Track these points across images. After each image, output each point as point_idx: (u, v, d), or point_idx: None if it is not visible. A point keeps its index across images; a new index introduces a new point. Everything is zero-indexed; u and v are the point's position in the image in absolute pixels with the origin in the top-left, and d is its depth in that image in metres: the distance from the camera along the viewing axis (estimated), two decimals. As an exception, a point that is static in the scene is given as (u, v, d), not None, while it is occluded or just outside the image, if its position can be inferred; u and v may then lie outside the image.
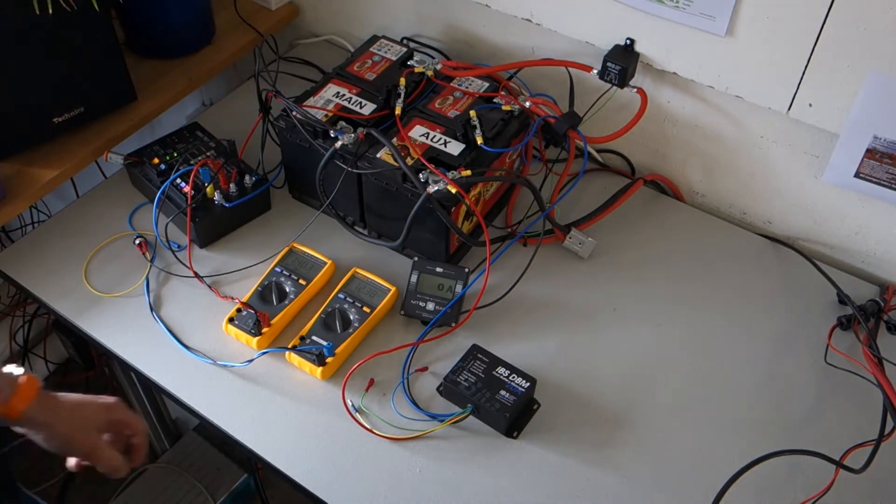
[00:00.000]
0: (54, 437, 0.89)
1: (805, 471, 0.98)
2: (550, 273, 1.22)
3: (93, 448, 0.91)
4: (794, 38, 1.04)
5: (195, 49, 1.49)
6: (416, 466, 1.01)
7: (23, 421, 0.86)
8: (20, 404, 0.85)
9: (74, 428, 0.90)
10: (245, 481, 1.70)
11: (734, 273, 1.25)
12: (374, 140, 1.17)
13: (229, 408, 1.07)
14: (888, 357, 1.08)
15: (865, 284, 1.23)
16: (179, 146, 1.31)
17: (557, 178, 1.31)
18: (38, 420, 0.87)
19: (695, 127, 1.28)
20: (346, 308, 1.14)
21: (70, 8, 1.09)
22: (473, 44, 1.44)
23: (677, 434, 1.05)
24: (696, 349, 1.14)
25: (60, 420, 0.89)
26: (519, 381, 1.04)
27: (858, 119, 1.05)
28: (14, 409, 0.85)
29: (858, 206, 1.21)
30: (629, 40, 1.19)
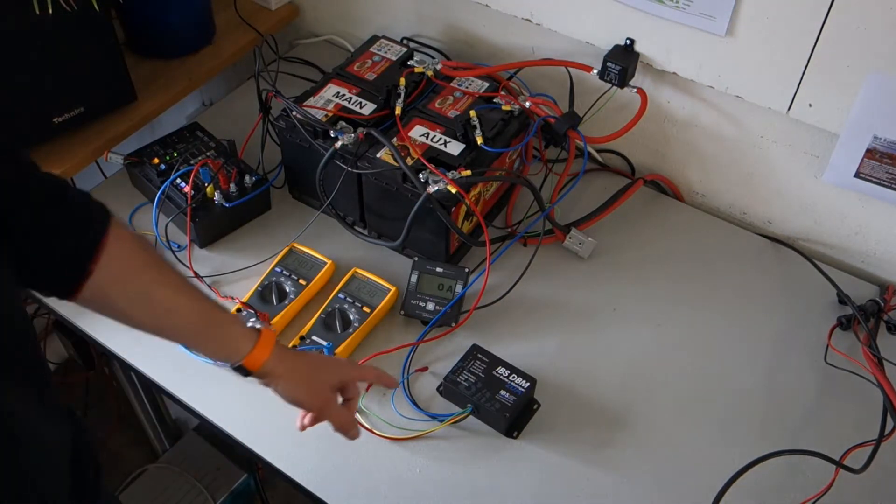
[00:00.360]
0: (291, 389, 0.90)
1: (805, 471, 0.98)
2: (550, 273, 1.22)
3: (326, 404, 0.92)
4: (794, 38, 1.04)
5: (195, 49, 1.49)
6: (416, 466, 1.01)
7: (263, 372, 0.87)
8: (262, 355, 0.86)
9: (311, 383, 0.91)
10: (245, 481, 1.70)
11: (734, 273, 1.25)
12: (374, 140, 1.17)
13: (229, 408, 1.07)
14: (888, 357, 1.08)
15: (865, 284, 1.23)
16: (179, 146, 1.31)
17: (557, 178, 1.31)
18: (277, 372, 0.88)
19: (695, 127, 1.28)
20: (346, 308, 1.14)
21: (70, 8, 1.09)
22: (473, 44, 1.44)
23: (677, 434, 1.05)
24: (696, 349, 1.14)
25: (298, 374, 0.90)
26: (519, 381, 1.04)
27: (858, 119, 1.05)
28: (255, 361, 0.86)
29: (858, 206, 1.21)
30: (629, 40, 1.19)
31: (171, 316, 0.82)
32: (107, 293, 0.77)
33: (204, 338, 0.85)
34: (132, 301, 0.80)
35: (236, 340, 0.85)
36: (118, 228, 0.77)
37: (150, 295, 0.81)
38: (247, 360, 0.85)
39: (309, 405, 0.92)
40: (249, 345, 0.85)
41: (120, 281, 0.78)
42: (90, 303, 0.78)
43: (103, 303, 0.78)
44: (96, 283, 0.75)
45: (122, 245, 0.77)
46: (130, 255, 0.79)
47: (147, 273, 0.81)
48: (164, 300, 0.81)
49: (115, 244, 0.76)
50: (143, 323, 0.82)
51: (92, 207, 0.78)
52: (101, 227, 0.76)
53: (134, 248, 0.80)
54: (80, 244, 0.75)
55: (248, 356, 0.85)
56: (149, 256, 0.81)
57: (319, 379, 0.92)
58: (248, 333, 0.86)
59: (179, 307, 0.82)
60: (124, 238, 0.78)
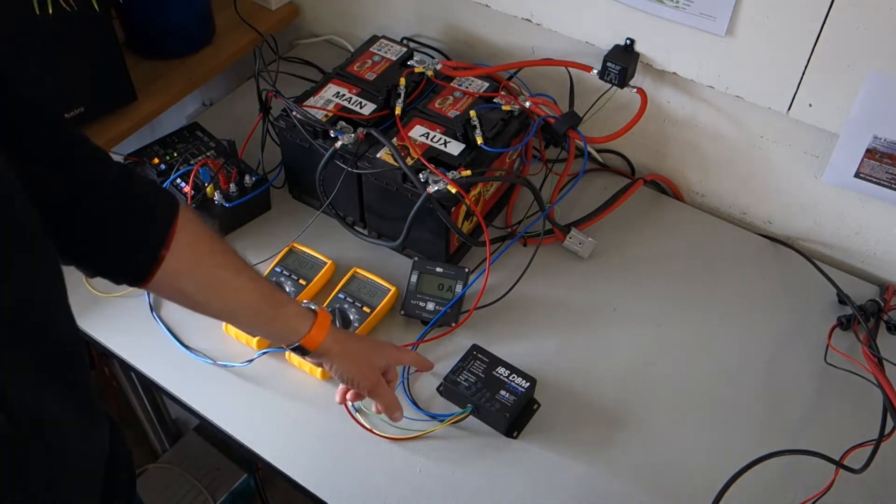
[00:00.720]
0: (344, 369, 0.93)
1: (805, 471, 0.98)
2: (550, 273, 1.22)
3: (376, 385, 0.95)
4: (794, 38, 1.04)
5: (195, 49, 1.49)
6: (416, 466, 1.01)
7: (320, 351, 0.90)
8: (319, 336, 0.88)
9: (363, 363, 0.94)
10: (245, 481, 1.70)
11: (734, 273, 1.25)
12: (374, 140, 1.17)
13: (229, 408, 1.07)
14: (888, 357, 1.08)
15: (865, 284, 1.23)
16: (179, 146, 1.31)
17: (557, 178, 1.31)
18: (333, 352, 0.91)
19: (695, 127, 1.28)
20: (347, 308, 1.14)
21: (70, 8, 1.09)
22: (473, 44, 1.44)
23: (677, 434, 1.05)
24: (696, 349, 1.14)
25: (352, 355, 0.93)
26: (519, 381, 1.04)
27: (858, 119, 1.05)
28: (314, 341, 0.88)
29: (858, 206, 1.21)
30: (629, 40, 1.19)
31: (237, 298, 0.84)
32: (177, 278, 0.78)
33: (266, 318, 0.87)
34: (200, 285, 0.81)
35: (296, 320, 0.88)
36: (186, 213, 0.78)
37: (218, 278, 0.82)
38: (305, 339, 0.88)
39: (361, 385, 0.95)
40: (308, 325, 0.88)
41: (189, 265, 0.79)
42: (160, 288, 0.79)
43: (173, 288, 0.80)
44: (167, 269, 0.76)
45: (190, 229, 0.78)
46: (198, 240, 0.80)
47: (214, 257, 0.82)
48: (231, 283, 0.83)
49: (183, 229, 0.77)
50: (210, 306, 0.84)
51: (161, 193, 0.78)
52: (172, 213, 0.77)
53: (201, 232, 0.81)
54: (153, 230, 0.76)
55: (307, 336, 0.88)
56: (214, 240, 0.82)
57: (371, 361, 0.95)
58: (306, 314, 0.89)
59: (244, 289, 0.84)
60: (192, 222, 0.79)
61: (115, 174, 0.75)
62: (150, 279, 0.76)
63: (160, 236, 0.76)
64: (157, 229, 0.76)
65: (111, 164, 0.75)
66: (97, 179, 0.73)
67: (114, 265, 0.77)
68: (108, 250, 0.75)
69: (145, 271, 0.76)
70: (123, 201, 0.74)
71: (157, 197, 0.78)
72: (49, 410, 0.64)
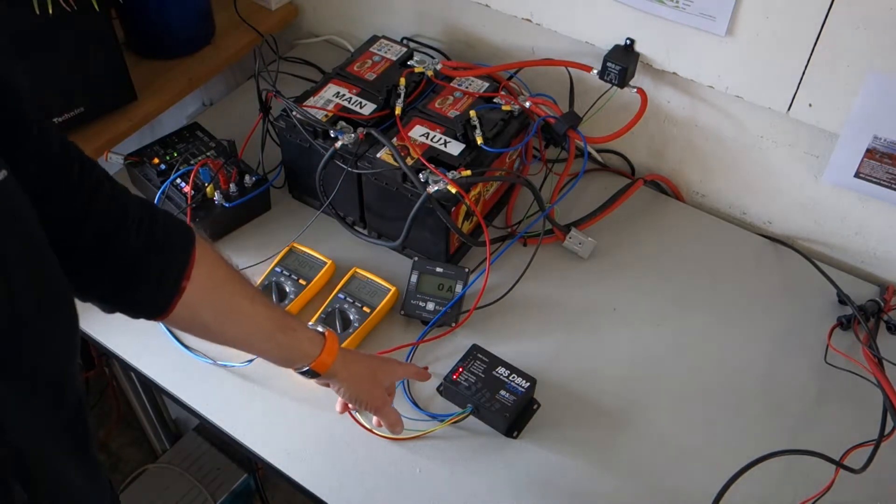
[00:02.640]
0: (351, 391, 0.95)
1: (805, 471, 0.98)
2: (550, 273, 1.22)
3: (380, 405, 0.97)
4: (794, 38, 1.04)
5: (195, 49, 1.49)
6: (416, 466, 1.01)
7: (329, 374, 0.91)
8: (328, 359, 0.89)
9: (369, 384, 0.96)
10: (245, 481, 1.70)
11: (734, 273, 1.25)
12: (374, 140, 1.17)
13: (229, 408, 1.07)
14: (888, 357, 1.08)
15: (865, 284, 1.23)
16: (179, 146, 1.31)
17: (557, 178, 1.31)
18: (341, 375, 0.92)
19: (695, 127, 1.28)
20: (346, 308, 1.14)
21: (70, 8, 1.09)
22: (473, 44, 1.44)
23: (677, 434, 1.05)
24: (696, 349, 1.14)
25: (358, 376, 0.94)
26: (519, 381, 1.04)
27: (858, 119, 1.05)
28: (323, 364, 0.89)
29: (858, 206, 1.21)
30: (629, 40, 1.19)
31: (252, 325, 0.84)
32: (196, 308, 0.79)
33: (278, 343, 0.87)
34: (218, 313, 0.82)
35: (306, 344, 0.88)
36: (202, 242, 0.79)
37: (234, 306, 0.83)
38: (315, 363, 0.89)
39: (367, 405, 0.96)
40: (318, 348, 0.89)
41: (207, 295, 0.79)
42: (178, 320, 0.79)
43: (191, 318, 0.80)
44: (187, 301, 0.77)
45: (207, 259, 0.79)
46: (215, 269, 0.81)
47: (228, 285, 0.82)
48: (246, 310, 0.84)
49: (201, 259, 0.78)
50: (226, 334, 0.85)
51: (179, 224, 0.79)
52: (190, 244, 0.78)
53: (216, 261, 0.81)
54: (174, 263, 0.76)
55: (317, 360, 0.88)
56: (228, 268, 0.83)
57: (378, 382, 0.96)
58: (316, 337, 0.90)
59: (257, 315, 0.85)
60: (207, 252, 0.80)
61: (137, 210, 0.75)
62: (170, 312, 0.77)
63: (181, 269, 0.76)
64: (177, 262, 0.76)
65: (132, 200, 0.76)
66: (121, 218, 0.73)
67: (136, 301, 0.77)
68: (130, 287, 0.75)
69: (166, 305, 0.76)
70: (146, 238, 0.75)
71: (175, 229, 0.78)
72: (65, 477, 0.64)
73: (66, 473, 0.64)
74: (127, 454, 1.90)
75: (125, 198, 0.75)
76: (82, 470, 0.68)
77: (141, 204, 0.76)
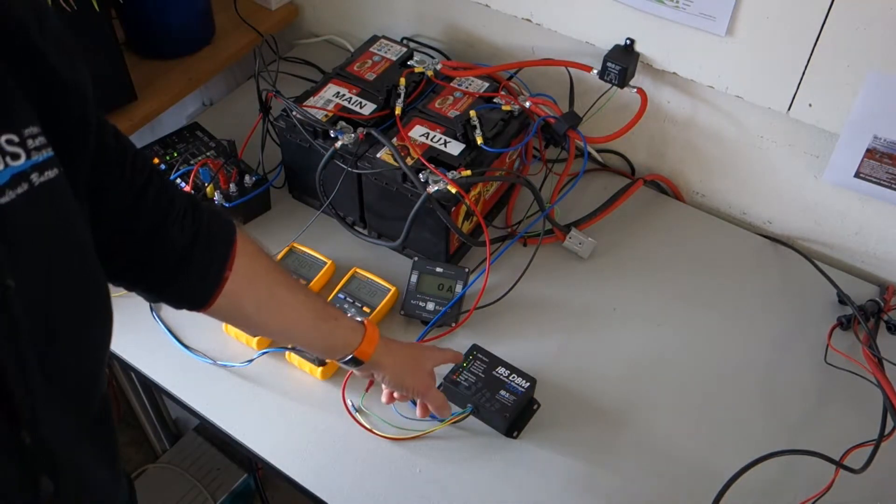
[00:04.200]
0: (397, 378, 0.95)
1: (805, 471, 0.98)
2: (550, 273, 1.22)
3: (427, 389, 0.98)
4: (794, 38, 1.04)
5: (195, 49, 1.49)
6: (416, 466, 1.01)
7: (371, 363, 0.92)
8: (369, 348, 0.90)
9: (413, 371, 0.96)
10: (245, 481, 1.70)
11: (734, 273, 1.25)
12: (374, 140, 1.17)
13: (229, 408, 1.07)
14: (888, 357, 1.08)
15: (865, 284, 1.23)
16: (179, 146, 1.31)
17: (557, 178, 1.31)
18: (383, 363, 0.93)
19: (695, 127, 1.28)
20: (347, 308, 1.14)
21: (70, 8, 1.09)
22: (473, 44, 1.44)
23: (677, 434, 1.05)
24: (696, 349, 1.14)
25: (400, 363, 0.95)
26: (519, 381, 1.04)
27: (858, 119, 1.05)
28: (365, 353, 0.90)
29: (858, 206, 1.21)
30: (629, 40, 1.19)
31: (294, 315, 0.85)
32: (238, 299, 0.80)
33: (321, 333, 0.88)
34: (260, 304, 0.82)
35: (347, 333, 0.89)
36: (242, 234, 0.80)
37: (276, 296, 0.83)
38: (358, 351, 0.89)
39: (413, 391, 0.97)
40: (358, 337, 0.90)
41: (249, 286, 0.80)
42: (221, 311, 0.80)
43: (233, 308, 0.81)
44: (229, 290, 0.78)
45: (248, 250, 0.80)
46: (255, 259, 0.82)
47: (270, 275, 0.83)
48: (288, 300, 0.84)
49: (242, 251, 0.79)
50: (268, 325, 0.86)
51: (221, 216, 0.80)
52: (232, 236, 0.79)
53: (256, 252, 0.82)
54: (217, 254, 0.77)
55: (359, 348, 0.89)
56: (269, 259, 0.84)
57: (422, 367, 0.97)
58: (356, 326, 0.91)
59: (299, 305, 0.86)
60: (248, 243, 0.81)
61: (183, 202, 0.76)
62: (213, 302, 0.78)
63: (223, 261, 0.77)
64: (220, 254, 0.78)
65: (178, 191, 0.77)
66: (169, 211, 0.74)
67: (180, 291, 0.78)
68: (176, 279, 0.76)
69: (209, 295, 0.78)
70: (191, 230, 0.76)
71: (217, 221, 0.79)
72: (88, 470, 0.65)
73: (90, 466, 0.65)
74: (127, 454, 1.90)
75: (172, 189, 0.76)
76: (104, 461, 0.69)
77: (185, 195, 0.78)
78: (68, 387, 0.61)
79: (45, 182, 0.54)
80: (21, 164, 0.52)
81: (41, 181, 0.54)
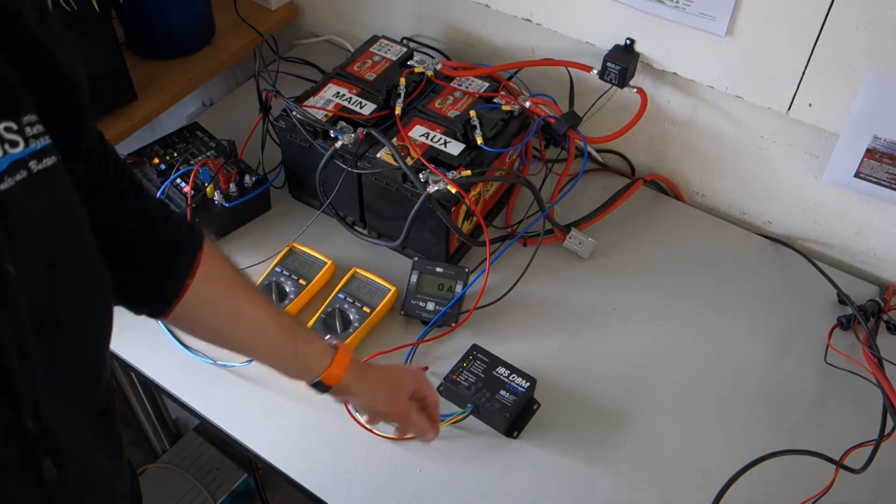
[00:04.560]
0: (369, 404, 0.92)
1: (805, 471, 0.97)
2: (550, 273, 1.22)
3: (405, 414, 0.93)
4: (794, 38, 1.04)
5: (195, 49, 1.49)
6: (416, 466, 1.01)
7: (340, 388, 0.88)
8: (339, 371, 0.87)
9: (388, 396, 0.92)
10: (245, 481, 1.70)
11: (734, 273, 1.25)
12: (374, 140, 1.17)
13: (229, 408, 1.07)
14: (888, 357, 1.08)
15: (865, 284, 1.23)
16: (179, 146, 1.31)
17: (557, 178, 1.31)
18: (354, 389, 0.89)
19: (695, 127, 1.28)
20: (346, 308, 1.14)
21: (70, 8, 1.09)
22: (473, 44, 1.44)
23: (677, 434, 1.05)
24: (697, 349, 1.14)
25: (374, 389, 0.91)
26: (519, 381, 1.04)
27: (858, 119, 1.05)
28: (333, 377, 0.87)
29: (858, 206, 1.21)
30: (629, 40, 1.19)
31: (258, 332, 0.83)
32: (199, 310, 0.79)
33: (285, 354, 0.86)
34: (222, 318, 0.81)
35: (316, 356, 0.86)
36: (209, 245, 0.79)
37: (239, 311, 0.82)
38: (325, 374, 0.86)
39: (390, 417, 0.93)
40: (327, 361, 0.86)
41: (210, 296, 0.79)
42: (181, 320, 0.79)
43: (194, 319, 0.80)
44: (190, 301, 0.77)
45: (214, 262, 0.79)
46: (221, 273, 0.81)
47: (234, 288, 0.82)
48: (250, 315, 0.83)
49: (207, 262, 0.78)
50: (231, 340, 0.84)
51: (192, 225, 0.80)
52: (198, 245, 0.78)
53: (224, 266, 0.81)
54: (181, 261, 0.77)
55: (326, 372, 0.86)
56: (236, 274, 0.83)
57: (398, 391, 0.93)
58: (326, 349, 0.87)
59: (264, 323, 0.83)
60: (215, 255, 0.80)
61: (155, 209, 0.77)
62: (171, 310, 0.77)
63: (186, 268, 0.77)
64: (184, 261, 0.77)
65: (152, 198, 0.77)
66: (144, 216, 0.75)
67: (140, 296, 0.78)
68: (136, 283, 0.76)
69: (169, 302, 0.77)
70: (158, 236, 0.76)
71: (188, 230, 0.79)
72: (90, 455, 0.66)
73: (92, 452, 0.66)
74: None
75: (147, 196, 0.77)
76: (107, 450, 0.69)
77: (158, 202, 0.78)
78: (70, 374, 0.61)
79: (44, 169, 0.55)
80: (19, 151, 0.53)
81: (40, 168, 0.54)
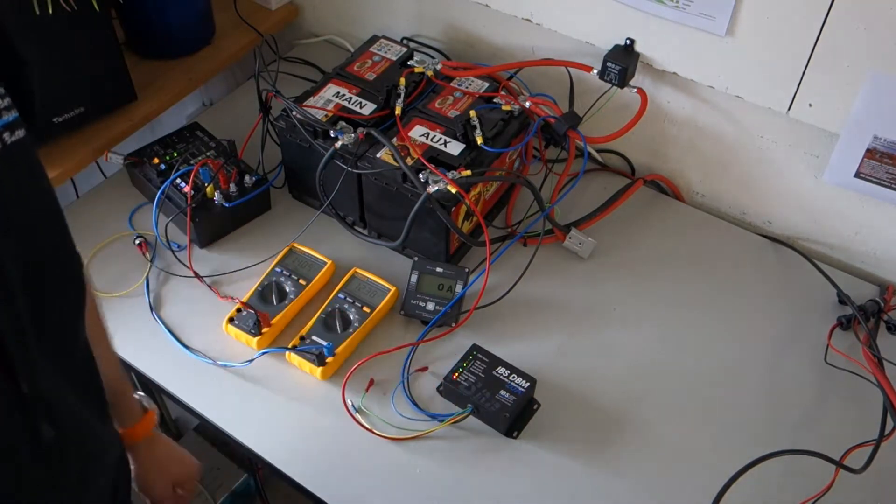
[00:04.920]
0: (139, 472, 0.94)
1: (805, 471, 0.97)
2: (550, 273, 1.22)
3: (164, 499, 0.97)
4: (794, 38, 1.04)
5: (195, 49, 1.49)
6: (416, 466, 1.01)
7: (132, 449, 0.91)
8: (140, 433, 0.91)
9: (161, 474, 0.96)
10: (245, 481, 1.70)
11: (734, 273, 1.25)
12: (374, 140, 1.17)
13: (229, 408, 1.07)
14: (888, 357, 1.08)
15: (865, 284, 1.23)
16: (179, 146, 1.31)
17: (557, 178, 1.31)
18: (142, 455, 0.93)
19: (695, 127, 1.28)
20: (346, 308, 1.14)
21: (70, 8, 1.09)
22: (473, 44, 1.44)
23: (677, 434, 1.05)
24: (696, 349, 1.14)
25: (148, 462, 0.94)
26: (519, 381, 1.04)
27: (858, 119, 1.05)
28: (135, 436, 0.90)
29: (858, 206, 1.21)
30: (629, 40, 1.19)
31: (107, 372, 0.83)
32: None
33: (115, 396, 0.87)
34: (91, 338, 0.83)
35: (127, 412, 0.90)
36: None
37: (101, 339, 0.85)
38: (126, 433, 0.90)
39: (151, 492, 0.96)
40: (132, 421, 0.90)
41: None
42: None
43: None
44: None
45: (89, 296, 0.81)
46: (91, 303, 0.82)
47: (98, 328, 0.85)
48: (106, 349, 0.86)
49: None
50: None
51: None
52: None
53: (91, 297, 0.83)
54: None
55: (128, 431, 0.90)
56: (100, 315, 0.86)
57: (167, 471, 0.97)
58: (138, 411, 0.91)
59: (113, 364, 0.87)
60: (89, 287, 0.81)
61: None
62: None
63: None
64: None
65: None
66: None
67: None
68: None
69: None
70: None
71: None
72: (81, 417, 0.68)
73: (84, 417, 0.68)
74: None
75: None
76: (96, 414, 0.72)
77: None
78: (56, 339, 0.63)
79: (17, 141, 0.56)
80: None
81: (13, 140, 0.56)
